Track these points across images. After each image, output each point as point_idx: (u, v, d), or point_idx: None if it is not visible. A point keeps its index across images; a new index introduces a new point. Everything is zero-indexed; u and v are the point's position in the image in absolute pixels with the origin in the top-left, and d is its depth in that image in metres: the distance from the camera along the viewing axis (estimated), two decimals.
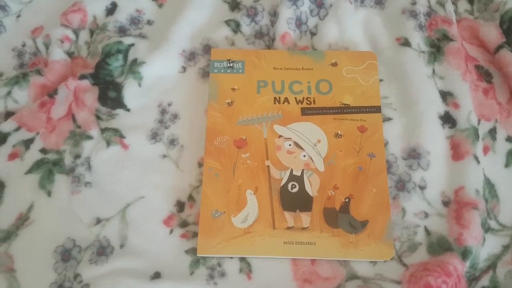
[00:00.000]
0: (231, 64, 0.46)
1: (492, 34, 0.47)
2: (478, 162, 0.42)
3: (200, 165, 0.44)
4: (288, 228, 0.40)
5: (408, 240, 0.40)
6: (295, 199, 0.41)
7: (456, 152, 0.43)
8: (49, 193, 0.42)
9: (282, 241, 0.39)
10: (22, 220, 0.41)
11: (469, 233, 0.39)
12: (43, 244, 0.41)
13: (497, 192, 0.42)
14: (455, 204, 0.41)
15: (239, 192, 0.41)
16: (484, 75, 0.47)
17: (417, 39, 0.47)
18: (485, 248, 0.40)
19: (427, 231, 0.40)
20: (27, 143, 0.44)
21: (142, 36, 0.50)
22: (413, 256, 0.40)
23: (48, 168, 0.43)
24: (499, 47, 0.46)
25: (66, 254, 0.40)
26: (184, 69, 0.48)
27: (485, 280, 0.39)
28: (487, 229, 0.41)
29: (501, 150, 0.44)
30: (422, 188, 0.42)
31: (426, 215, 0.41)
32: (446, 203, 0.41)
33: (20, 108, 0.46)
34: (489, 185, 0.42)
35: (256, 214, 0.40)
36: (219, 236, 0.39)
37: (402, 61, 0.46)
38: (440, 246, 0.39)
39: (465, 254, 0.38)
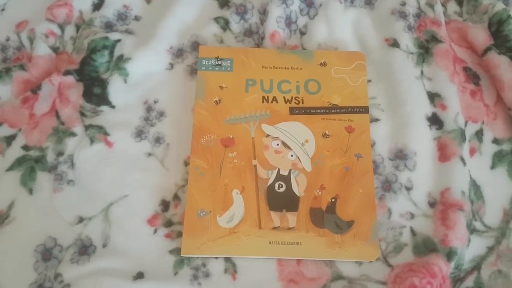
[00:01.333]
0: (219, 62, 0.46)
1: (481, 36, 0.47)
2: (465, 163, 0.42)
3: (186, 164, 0.43)
4: (274, 228, 0.40)
5: (393, 240, 0.40)
6: (281, 199, 0.41)
7: (443, 154, 0.43)
8: (30, 191, 0.42)
9: (268, 241, 0.39)
10: (2, 218, 0.41)
11: (454, 234, 0.39)
12: (24, 243, 0.40)
13: (483, 194, 0.42)
14: (441, 205, 0.41)
15: (225, 192, 0.40)
16: (472, 77, 0.47)
17: (406, 40, 0.47)
18: (470, 249, 0.40)
19: (413, 232, 0.40)
20: (9, 140, 0.43)
21: (129, 32, 0.49)
22: (399, 257, 0.40)
23: (30, 165, 0.42)
24: (487, 49, 0.46)
25: (47, 254, 0.39)
26: (171, 66, 0.48)
27: (469, 281, 0.39)
28: (472, 230, 0.41)
29: (487, 152, 0.44)
30: (408, 189, 0.42)
31: (412, 216, 0.41)
32: (432, 204, 0.41)
33: (2, 104, 0.45)
34: (475, 187, 0.42)
35: (242, 214, 0.40)
36: (204, 236, 0.39)
37: (391, 62, 0.46)
38: (425, 247, 0.39)
39: (450, 255, 0.38)
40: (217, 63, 0.46)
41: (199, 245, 0.39)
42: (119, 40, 0.47)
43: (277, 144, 0.43)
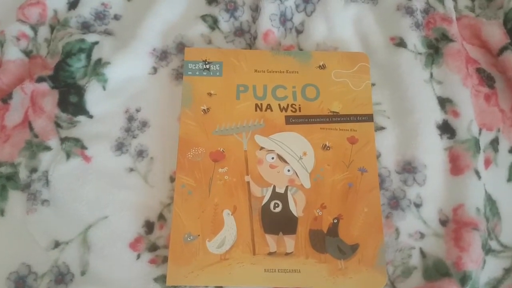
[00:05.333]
0: (208, 66, 0.43)
1: (495, 34, 0.44)
2: (479, 177, 0.39)
3: (172, 179, 0.41)
4: (270, 253, 0.37)
5: (402, 264, 0.38)
6: (278, 220, 0.38)
7: (455, 166, 0.40)
8: (1, 212, 0.40)
9: (263, 269, 0.36)
10: None
11: (468, 256, 0.36)
12: None
13: (499, 210, 0.40)
14: (454, 224, 0.38)
15: (215, 213, 0.38)
16: (486, 79, 0.44)
17: (414, 39, 0.44)
18: (485, 271, 0.38)
19: (423, 254, 0.38)
20: None
21: (107, 32, 0.47)
22: (408, 282, 0.37)
23: (0, 184, 0.40)
24: (502, 49, 0.43)
25: (20, 282, 0.38)
26: (154, 70, 0.45)
27: None
28: (487, 250, 0.38)
29: (503, 163, 0.41)
30: (417, 205, 0.39)
31: (422, 235, 0.38)
32: (444, 223, 0.39)
33: None
34: (491, 202, 0.40)
35: (234, 238, 0.37)
36: (192, 264, 0.36)
37: (397, 64, 0.43)
38: (437, 270, 0.37)
39: (464, 279, 0.36)
40: (205, 67, 0.43)
41: (186, 273, 0.36)
42: (96, 42, 0.44)
43: (272, 158, 0.40)
